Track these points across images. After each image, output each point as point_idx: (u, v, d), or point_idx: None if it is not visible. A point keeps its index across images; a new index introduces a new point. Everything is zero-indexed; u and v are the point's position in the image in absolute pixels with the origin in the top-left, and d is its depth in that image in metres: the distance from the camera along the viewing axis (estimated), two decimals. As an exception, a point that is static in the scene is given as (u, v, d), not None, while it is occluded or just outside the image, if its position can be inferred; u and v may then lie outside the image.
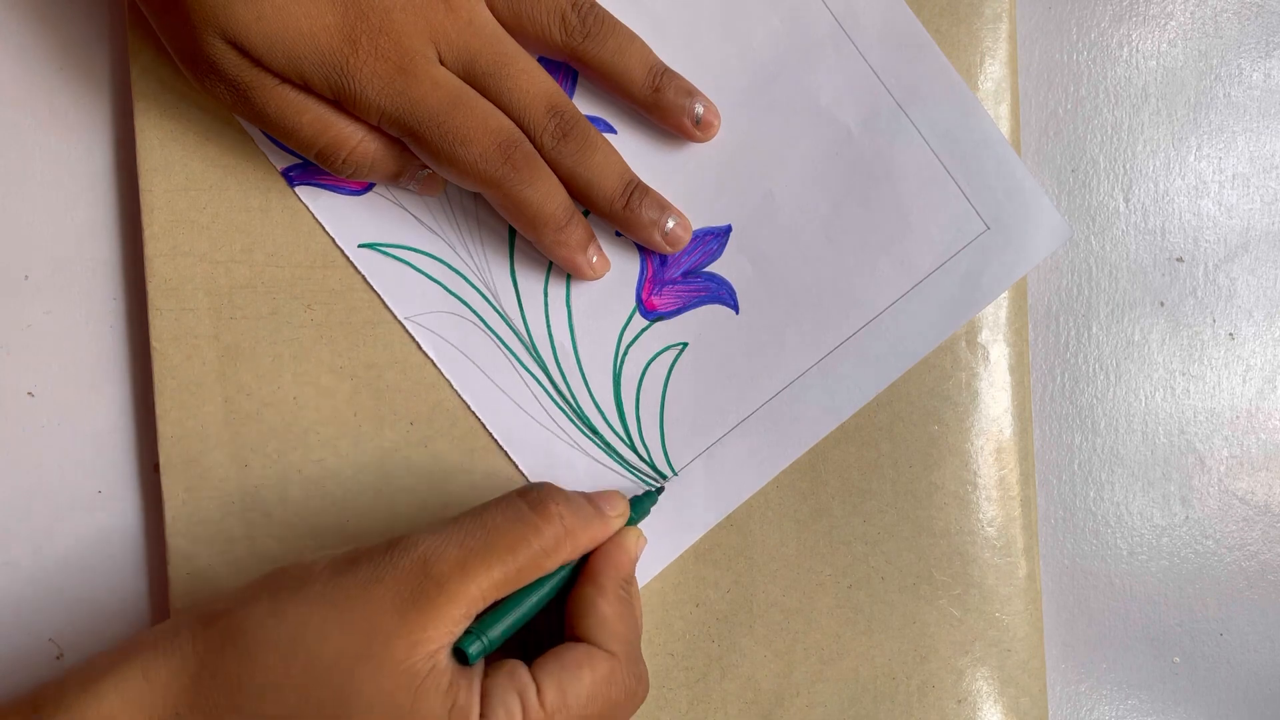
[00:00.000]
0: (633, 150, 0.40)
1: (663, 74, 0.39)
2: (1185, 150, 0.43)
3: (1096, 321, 0.43)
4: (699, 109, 0.40)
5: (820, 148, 0.41)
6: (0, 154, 0.40)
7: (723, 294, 0.41)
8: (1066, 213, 0.43)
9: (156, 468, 0.40)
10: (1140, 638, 0.44)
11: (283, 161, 0.40)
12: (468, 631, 0.33)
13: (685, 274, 0.41)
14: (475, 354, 0.40)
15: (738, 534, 0.41)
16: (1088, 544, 0.44)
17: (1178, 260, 0.44)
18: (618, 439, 0.41)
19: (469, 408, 0.40)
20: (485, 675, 0.33)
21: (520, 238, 0.40)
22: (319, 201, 0.40)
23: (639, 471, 0.41)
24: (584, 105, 0.40)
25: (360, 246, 0.40)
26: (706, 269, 0.41)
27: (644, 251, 0.41)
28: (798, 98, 0.41)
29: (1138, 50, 0.43)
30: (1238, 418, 0.44)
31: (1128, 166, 0.43)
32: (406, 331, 0.40)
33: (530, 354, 0.41)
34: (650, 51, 0.39)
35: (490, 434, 0.41)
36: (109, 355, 0.41)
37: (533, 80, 0.37)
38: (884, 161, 0.41)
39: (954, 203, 0.41)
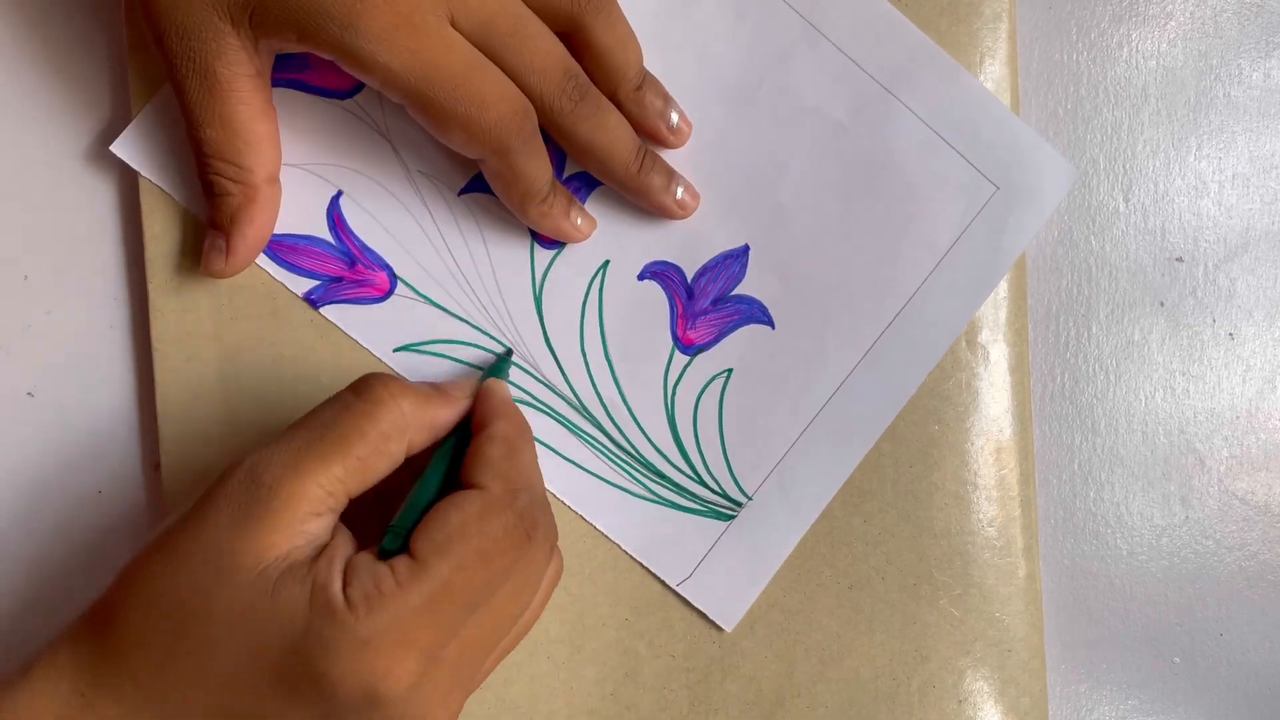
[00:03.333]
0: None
1: (646, 75, 0.39)
2: (1185, 150, 0.43)
3: (1096, 321, 0.43)
4: (673, 116, 0.39)
5: (818, 148, 0.41)
6: (0, 154, 0.40)
7: (755, 313, 0.41)
8: (1066, 213, 0.43)
9: (157, 467, 0.40)
10: (1140, 638, 0.44)
11: (302, 287, 0.40)
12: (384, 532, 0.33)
13: (714, 302, 0.41)
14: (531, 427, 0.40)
15: (738, 534, 0.41)
16: (1088, 544, 0.44)
17: (1178, 260, 0.44)
18: (686, 478, 0.41)
19: None
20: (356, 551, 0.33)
21: (548, 302, 0.40)
22: (346, 316, 0.40)
23: (714, 506, 0.41)
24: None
25: (395, 351, 0.40)
26: (734, 293, 0.41)
27: (669, 288, 0.40)
28: (784, 104, 0.41)
29: (1138, 50, 0.43)
30: (1238, 418, 0.44)
31: (1127, 166, 0.43)
32: None
33: (583, 415, 0.41)
34: (640, 51, 0.39)
35: (560, 500, 0.41)
36: (109, 355, 0.40)
37: (550, 43, 0.37)
38: (883, 147, 0.41)
39: (960, 171, 0.41)
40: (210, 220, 0.38)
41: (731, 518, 0.41)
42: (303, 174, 0.40)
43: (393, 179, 0.40)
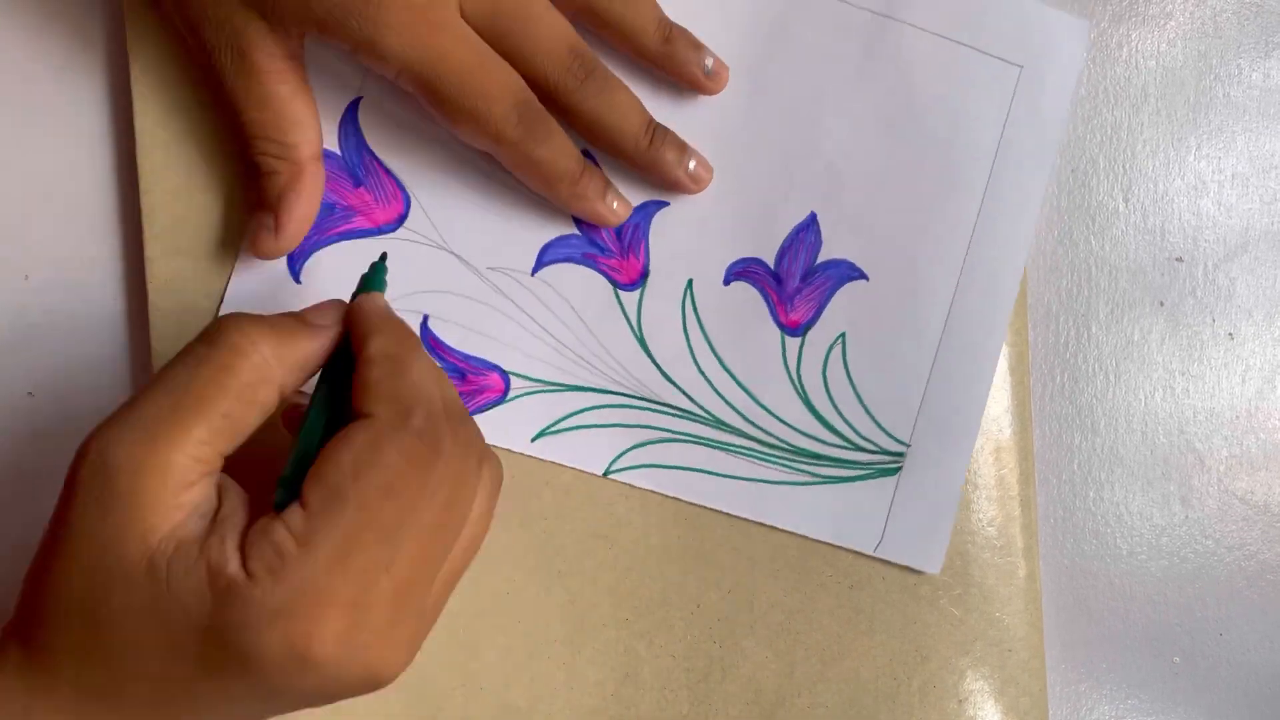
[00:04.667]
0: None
1: (671, 27, 0.39)
2: (1185, 150, 0.43)
3: (1096, 321, 0.43)
4: (709, 61, 0.39)
5: (845, 98, 0.41)
6: (0, 154, 0.40)
7: (845, 272, 0.41)
8: (1066, 213, 0.43)
9: (156, 468, 0.40)
10: (1140, 637, 0.44)
11: None
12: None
13: (804, 277, 0.41)
14: (682, 461, 0.41)
15: (739, 534, 0.41)
16: (1087, 544, 0.44)
17: (1177, 260, 0.44)
18: (842, 449, 0.41)
19: (701, 508, 0.41)
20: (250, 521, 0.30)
21: (652, 339, 0.40)
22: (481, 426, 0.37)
23: (878, 465, 0.41)
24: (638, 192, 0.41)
25: (534, 440, 0.40)
26: (819, 262, 0.41)
27: (757, 282, 0.41)
28: (797, 68, 0.41)
29: (1137, 50, 0.43)
30: (1237, 417, 0.44)
31: (1127, 166, 0.43)
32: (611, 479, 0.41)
33: (725, 430, 0.41)
34: (659, 7, 0.39)
35: (739, 517, 0.41)
36: (109, 355, 0.40)
37: (556, 22, 0.37)
38: (904, 73, 0.41)
39: (981, 66, 0.41)
40: (259, 201, 0.38)
41: (898, 470, 0.41)
42: None
43: (468, 285, 0.40)
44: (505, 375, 0.40)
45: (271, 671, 0.29)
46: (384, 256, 0.36)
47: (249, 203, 0.39)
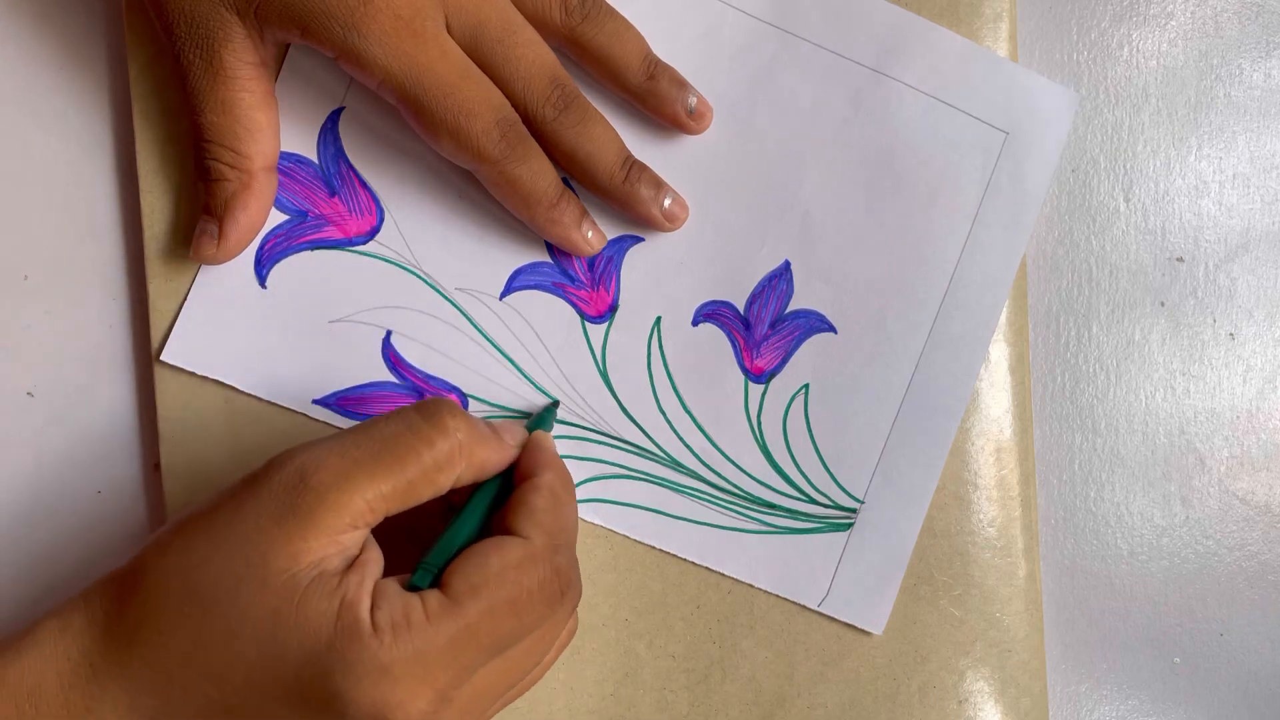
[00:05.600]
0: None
1: (657, 64, 0.39)
2: (1185, 150, 0.43)
3: (1096, 321, 0.43)
4: (692, 100, 0.39)
5: (828, 147, 0.41)
6: (0, 153, 0.40)
7: (814, 323, 0.41)
8: (1066, 213, 0.43)
9: (157, 467, 0.40)
10: (1140, 638, 0.44)
11: None
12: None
13: (772, 324, 0.41)
14: (633, 498, 0.41)
15: (738, 534, 0.41)
16: (1088, 544, 0.44)
17: (1178, 260, 0.44)
18: (796, 500, 0.41)
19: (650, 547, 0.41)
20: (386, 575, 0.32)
21: (614, 374, 0.40)
22: None
23: (830, 519, 0.41)
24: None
25: None
26: (788, 310, 0.41)
27: (725, 325, 0.41)
28: (782, 114, 0.41)
29: (1138, 50, 0.43)
30: (1238, 418, 0.44)
31: (1128, 166, 0.43)
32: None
33: (680, 471, 0.41)
34: (646, 42, 0.39)
35: (681, 558, 0.41)
36: (109, 355, 0.40)
37: (538, 51, 0.37)
38: (888, 127, 0.41)
39: (967, 128, 0.41)
40: (205, 206, 0.38)
41: (850, 525, 0.41)
42: (349, 325, 0.40)
43: (434, 304, 0.40)
44: (464, 397, 0.40)
45: None
46: (555, 404, 0.40)
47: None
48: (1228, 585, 0.44)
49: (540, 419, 0.39)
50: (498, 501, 0.35)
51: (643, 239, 0.40)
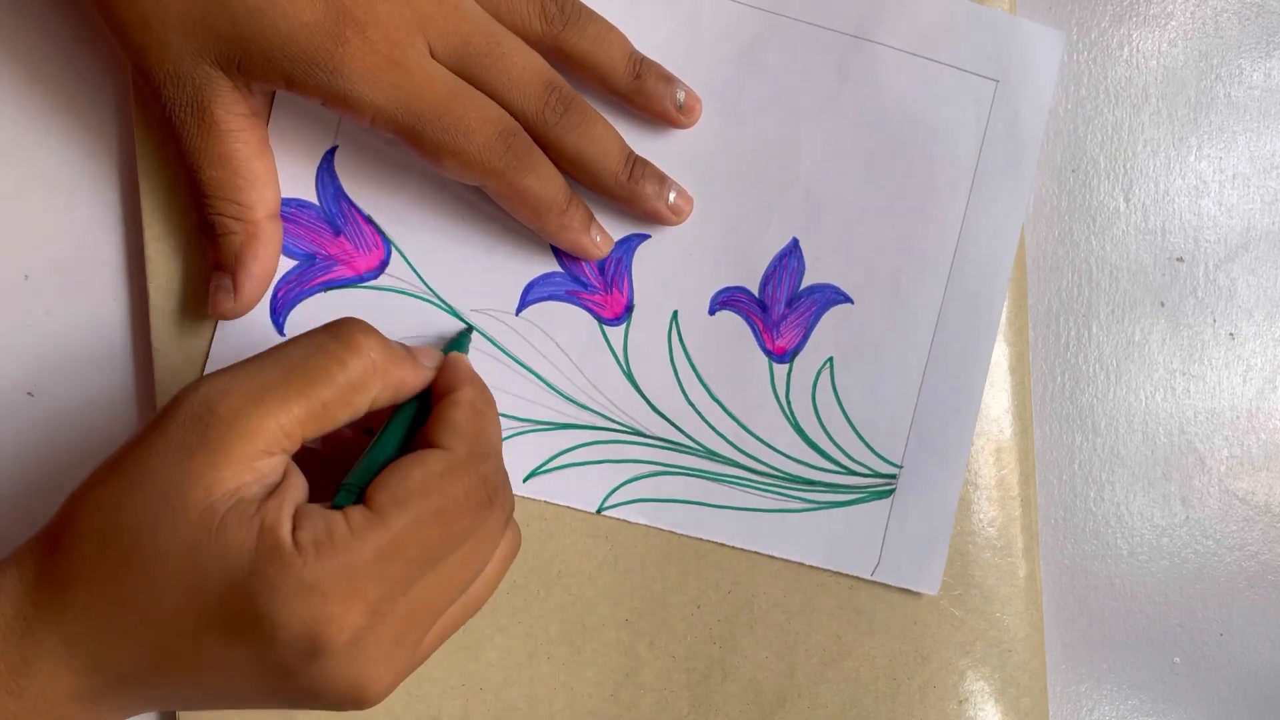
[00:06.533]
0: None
1: (642, 62, 0.39)
2: (1185, 150, 0.43)
3: (1096, 321, 0.43)
4: (680, 94, 0.39)
5: (820, 120, 0.41)
6: (1, 153, 0.40)
7: (830, 296, 0.41)
8: (1066, 213, 0.43)
9: (156, 468, 0.40)
10: (1140, 638, 0.44)
11: None
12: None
13: (789, 303, 0.41)
14: (674, 494, 0.41)
15: (738, 534, 0.41)
16: (1088, 544, 0.44)
17: (1178, 260, 0.44)
18: (835, 474, 0.41)
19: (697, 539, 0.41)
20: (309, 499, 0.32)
21: (639, 372, 0.40)
22: None
23: (872, 488, 0.41)
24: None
25: (525, 480, 0.40)
26: (803, 287, 0.41)
27: (742, 310, 0.41)
28: (770, 93, 0.40)
29: (1138, 50, 0.43)
30: (1238, 418, 0.44)
31: (1128, 166, 0.43)
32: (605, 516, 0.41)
33: (716, 460, 0.41)
34: (629, 41, 0.39)
35: (732, 546, 0.41)
36: (109, 355, 0.40)
37: (527, 59, 0.37)
38: (878, 92, 0.41)
39: (956, 82, 0.41)
40: (215, 262, 0.38)
41: (891, 491, 0.41)
42: None
43: (452, 328, 0.40)
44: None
45: (281, 644, 0.30)
46: (470, 329, 0.40)
47: (205, 260, 0.39)
48: (1228, 585, 0.44)
49: (455, 343, 0.39)
50: (417, 423, 0.34)
51: (649, 235, 0.41)
